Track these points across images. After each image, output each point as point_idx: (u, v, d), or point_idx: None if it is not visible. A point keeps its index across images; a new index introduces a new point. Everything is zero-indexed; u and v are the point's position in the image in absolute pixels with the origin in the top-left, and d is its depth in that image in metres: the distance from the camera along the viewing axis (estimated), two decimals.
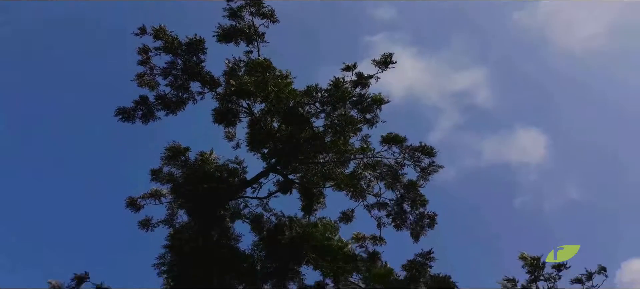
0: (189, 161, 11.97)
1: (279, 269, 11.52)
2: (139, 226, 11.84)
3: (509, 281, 10.15)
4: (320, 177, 12.00)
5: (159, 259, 12.05)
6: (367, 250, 11.42)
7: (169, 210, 11.88)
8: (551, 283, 9.77)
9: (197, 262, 11.40)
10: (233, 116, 11.56)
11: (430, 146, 10.78)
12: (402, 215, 10.99)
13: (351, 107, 10.49)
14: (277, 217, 12.12)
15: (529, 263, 9.63)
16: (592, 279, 9.83)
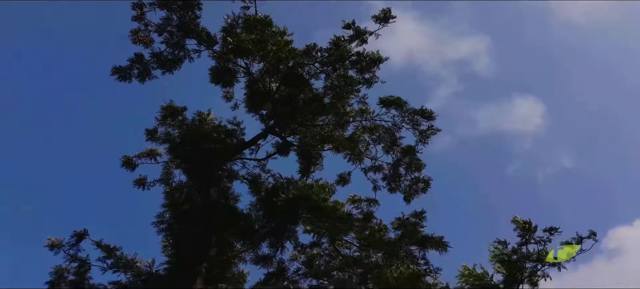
0: (186, 121, 11.97)
1: (276, 228, 11.82)
2: (135, 185, 12.00)
3: (500, 243, 10.45)
4: (318, 140, 12.06)
5: (157, 217, 12.35)
6: (362, 211, 11.67)
7: (165, 169, 12.01)
8: (541, 245, 10.05)
9: (196, 220, 11.69)
10: (230, 75, 11.44)
11: (429, 110, 10.78)
12: (397, 178, 11.15)
13: (350, 66, 10.37)
14: (275, 178, 12.29)
15: (521, 226, 9.85)
16: (581, 243, 10.11)
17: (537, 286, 10.56)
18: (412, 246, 10.49)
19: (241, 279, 12.02)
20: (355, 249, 11.55)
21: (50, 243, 11.58)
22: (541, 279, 10.53)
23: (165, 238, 12.19)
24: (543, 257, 10.20)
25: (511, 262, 10.04)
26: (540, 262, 10.36)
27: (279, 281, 11.96)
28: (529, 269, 10.28)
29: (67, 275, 11.76)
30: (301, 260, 11.98)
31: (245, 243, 11.89)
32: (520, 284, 10.41)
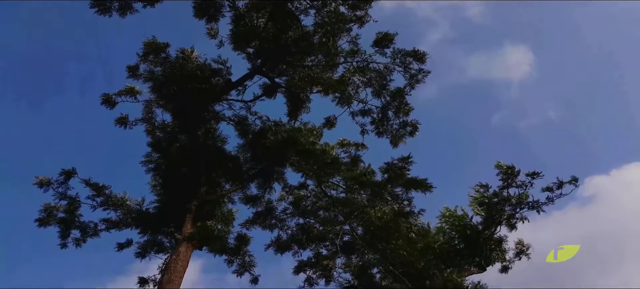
0: (169, 59, 11.56)
1: (264, 170, 11.99)
2: (116, 124, 11.86)
3: (482, 187, 10.82)
4: (307, 82, 11.82)
5: (145, 157, 12.40)
6: (350, 155, 11.80)
7: (146, 108, 11.81)
8: (522, 189, 10.42)
9: (184, 160, 11.76)
10: (215, 9, 10.85)
11: (422, 51, 10.50)
12: (385, 122, 11.15)
13: (341, 1, 9.88)
14: (262, 121, 12.21)
15: (504, 170, 10.13)
16: (562, 188, 10.48)
17: (515, 228, 11.11)
18: (397, 188, 10.76)
19: (230, 217, 12.38)
20: (341, 190, 11.85)
21: (38, 181, 11.63)
22: (519, 222, 11.06)
23: (154, 177, 12.33)
24: (523, 200, 10.61)
25: (491, 204, 10.45)
26: (520, 205, 10.80)
27: (267, 219, 12.37)
28: (508, 212, 10.73)
29: (57, 213, 11.99)
30: (289, 200, 12.32)
31: (233, 184, 12.09)
32: (498, 226, 10.95)
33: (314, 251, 12.55)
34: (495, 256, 10.97)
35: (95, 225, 12.49)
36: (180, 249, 10.60)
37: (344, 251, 11.82)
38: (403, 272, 9.97)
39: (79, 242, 12.50)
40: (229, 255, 12.79)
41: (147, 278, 12.61)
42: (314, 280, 12.50)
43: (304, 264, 12.54)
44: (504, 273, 11.35)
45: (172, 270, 10.25)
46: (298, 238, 12.40)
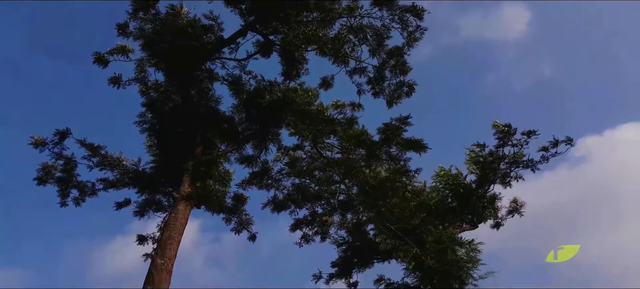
0: (159, 15, 11.25)
1: (259, 131, 12.03)
2: (109, 83, 11.76)
3: (478, 146, 10.90)
4: (302, 40, 11.57)
5: (139, 117, 12.39)
6: (345, 116, 11.80)
7: (139, 67, 11.66)
8: (518, 148, 10.50)
9: (179, 120, 11.77)
10: None
11: (421, 7, 10.20)
12: (382, 82, 11.03)
13: None
14: (256, 81, 12.08)
15: (501, 129, 10.16)
16: (557, 147, 10.57)
17: (510, 186, 11.32)
18: (393, 148, 10.85)
19: (227, 178, 12.56)
20: (337, 151, 11.96)
21: (34, 141, 11.70)
22: (513, 180, 11.25)
23: (149, 137, 12.39)
24: (518, 159, 10.73)
25: (486, 163, 10.58)
26: (515, 164, 10.94)
27: (263, 180, 12.57)
28: (503, 171, 10.89)
29: (55, 172, 12.17)
30: (284, 161, 12.45)
31: (229, 144, 12.17)
32: (492, 185, 11.15)
33: (309, 210, 12.88)
34: (488, 213, 11.27)
35: (92, 185, 12.75)
36: (179, 208, 10.86)
37: (340, 209, 12.12)
38: (398, 228, 10.26)
39: (78, 201, 12.80)
40: (226, 214, 13.14)
41: (147, 236, 13.03)
42: (310, 237, 12.92)
43: (300, 222, 12.90)
44: (495, 230, 11.72)
45: (171, 228, 10.57)
46: (294, 197, 12.67)
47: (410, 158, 11.02)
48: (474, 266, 9.73)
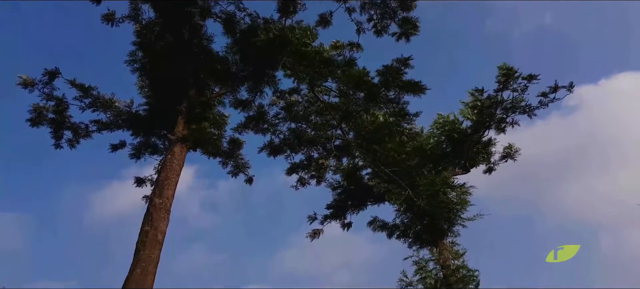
0: None
1: (254, 73, 11.84)
2: (103, 20, 11.35)
3: (477, 91, 10.88)
4: None
5: (129, 56, 12.12)
6: (344, 58, 11.57)
7: (133, 4, 11.21)
8: (518, 93, 10.51)
9: (170, 60, 11.53)
10: None
11: None
12: (384, 19, 10.67)
13: None
14: (251, 18, 11.67)
15: (505, 72, 10.07)
16: (556, 92, 10.58)
17: (504, 132, 11.46)
18: (392, 91, 10.79)
19: (222, 122, 12.59)
20: (334, 95, 11.90)
21: (22, 81, 11.50)
22: (509, 126, 11.38)
23: (140, 78, 12.21)
24: (516, 105, 10.77)
25: (483, 108, 10.63)
26: (513, 109, 11.01)
27: (259, 124, 12.60)
28: (499, 116, 10.98)
29: (47, 113, 12.10)
30: (280, 105, 12.41)
31: (223, 87, 12.04)
32: (487, 130, 11.30)
33: (305, 155, 13.07)
34: (481, 158, 11.52)
35: (86, 126, 12.75)
36: (175, 150, 10.98)
37: (336, 153, 12.31)
38: (392, 172, 10.51)
39: (72, 143, 12.87)
40: (223, 158, 13.33)
41: (144, 178, 13.29)
42: (305, 180, 13.24)
43: (296, 166, 13.15)
44: (488, 174, 12.05)
45: (168, 169, 10.75)
46: (290, 141, 12.79)
47: (408, 102, 11.03)
48: (463, 208, 10.11)
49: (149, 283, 9.03)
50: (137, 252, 9.42)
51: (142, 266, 9.07)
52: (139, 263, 9.08)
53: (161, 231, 9.90)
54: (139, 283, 8.81)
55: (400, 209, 11.09)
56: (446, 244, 10.31)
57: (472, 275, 9.21)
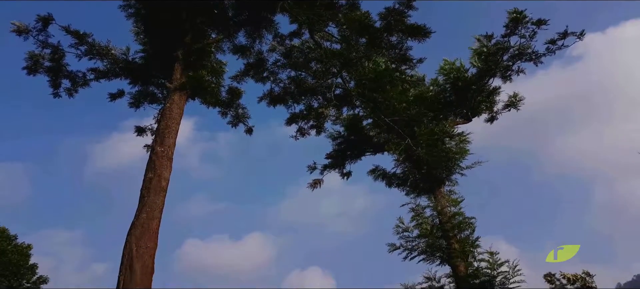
0: None
1: (253, 17, 11.58)
2: None
3: (485, 37, 10.63)
4: None
5: (124, 1, 11.87)
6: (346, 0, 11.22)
7: None
8: (525, 40, 10.26)
9: (165, 5, 11.27)
10: None
11: None
12: None
13: None
14: None
15: (514, 17, 9.77)
16: (565, 38, 10.30)
17: (510, 80, 11.34)
18: (395, 36, 10.58)
19: (220, 69, 12.53)
20: (335, 41, 11.69)
21: (16, 28, 11.42)
22: (515, 74, 11.23)
23: (136, 24, 12.03)
24: (523, 52, 10.56)
25: (490, 55, 10.44)
26: (519, 56, 10.81)
27: (258, 72, 12.54)
28: (505, 63, 10.81)
29: (43, 61, 12.11)
30: (280, 51, 12.25)
31: (220, 32, 11.85)
32: (492, 78, 11.17)
33: (305, 104, 13.11)
34: (484, 107, 11.49)
35: (83, 74, 12.80)
36: (174, 97, 11.08)
37: (336, 103, 12.34)
38: (392, 121, 10.58)
39: (71, 92, 12.99)
40: (222, 107, 13.42)
41: (144, 127, 13.52)
42: (305, 131, 13.40)
43: (296, 116, 13.26)
44: (489, 123, 12.07)
45: (168, 117, 10.91)
46: (290, 90, 12.78)
47: (412, 47, 10.83)
48: (462, 157, 10.28)
49: (155, 227, 9.53)
50: (142, 198, 9.87)
51: (148, 211, 9.54)
52: (144, 208, 9.54)
53: (165, 178, 10.27)
54: (144, 227, 9.31)
55: (399, 159, 11.29)
56: (443, 192, 10.61)
57: (468, 222, 9.58)
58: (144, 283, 8.68)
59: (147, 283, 8.83)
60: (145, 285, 8.72)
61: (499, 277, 8.77)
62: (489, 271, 8.86)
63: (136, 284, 8.52)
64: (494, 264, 8.81)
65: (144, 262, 8.88)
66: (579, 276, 12.56)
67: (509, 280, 8.73)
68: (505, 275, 8.73)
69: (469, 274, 9.02)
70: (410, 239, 10.23)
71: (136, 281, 8.52)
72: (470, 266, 9.18)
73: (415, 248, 10.18)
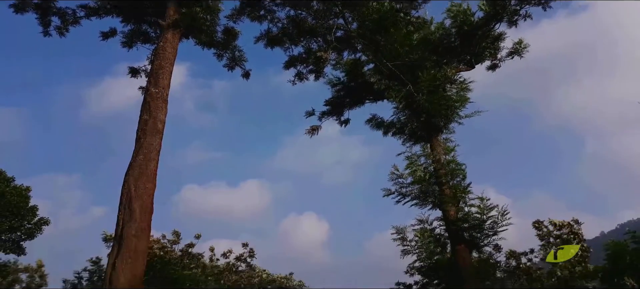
0: None
1: None
2: None
3: None
4: None
5: None
6: None
7: None
8: None
9: None
10: None
11: None
12: None
13: None
14: None
15: None
16: None
17: (516, 25, 10.96)
18: None
19: (215, 8, 12.07)
20: None
21: None
22: (521, 19, 10.83)
23: None
24: None
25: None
26: (527, 0, 10.36)
27: (254, 10, 12.08)
28: (513, 7, 10.38)
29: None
30: None
31: None
32: (498, 22, 10.78)
33: (304, 47, 12.77)
34: (487, 53, 11.21)
35: (73, 11, 12.44)
36: (167, 36, 10.79)
37: (337, 45, 12.01)
38: (395, 65, 10.36)
39: (61, 30, 12.67)
40: (217, 49, 13.10)
41: (138, 68, 13.31)
42: (304, 75, 13.18)
43: (295, 60, 12.97)
44: (491, 71, 11.86)
45: (161, 57, 10.70)
46: (289, 31, 12.39)
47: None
48: (462, 105, 10.20)
49: (152, 168, 9.70)
50: (138, 140, 9.95)
51: (145, 153, 9.66)
52: (141, 150, 9.65)
53: (160, 120, 10.29)
54: (142, 168, 9.47)
55: (399, 106, 11.21)
56: (440, 140, 10.66)
57: (460, 169, 9.72)
58: (143, 222, 8.97)
59: (147, 222, 9.13)
60: (145, 224, 9.02)
61: (488, 221, 9.08)
62: (478, 216, 9.15)
63: (135, 222, 8.81)
64: (483, 210, 9.08)
65: (143, 202, 9.13)
66: (567, 223, 13.05)
67: (497, 224, 9.05)
68: (494, 219, 9.04)
69: (459, 218, 9.34)
70: (405, 186, 10.44)
71: (135, 219, 8.80)
72: (461, 210, 9.47)
73: (408, 193, 10.42)
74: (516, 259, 15.82)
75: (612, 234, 60.73)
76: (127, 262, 8.38)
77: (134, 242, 8.56)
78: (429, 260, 11.92)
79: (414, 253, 10.26)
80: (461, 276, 9.26)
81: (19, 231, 19.87)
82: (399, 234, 10.70)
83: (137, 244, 8.61)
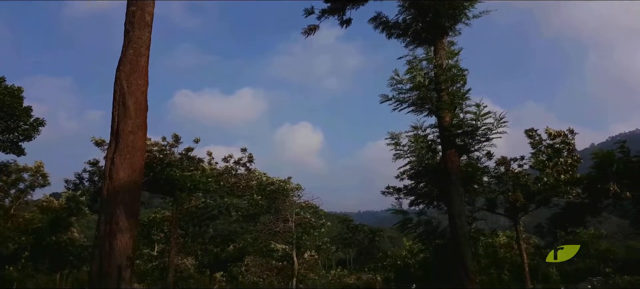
0: None
1: None
2: None
3: None
4: None
5: None
6: None
7: None
8: None
9: None
10: None
11: None
12: None
13: None
14: None
15: None
16: None
17: None
18: None
19: None
20: None
21: None
22: None
23: None
24: None
25: None
26: None
27: None
28: None
29: None
30: None
31: None
32: None
33: None
34: None
35: None
36: None
37: None
38: None
39: None
40: None
41: None
42: None
43: None
44: None
45: None
46: None
47: None
48: (472, 4, 9.75)
49: (143, 64, 9.53)
50: (127, 33, 9.61)
51: (134, 47, 9.41)
52: (131, 44, 9.38)
53: (148, 12, 9.83)
54: (133, 64, 9.31)
55: (405, 5, 10.72)
56: (444, 43, 10.40)
57: (461, 74, 9.63)
58: (138, 119, 9.08)
59: (142, 119, 9.24)
60: (140, 121, 9.15)
61: (482, 128, 9.29)
62: (473, 122, 9.33)
63: (131, 119, 8.92)
64: (479, 116, 9.23)
65: (137, 98, 9.14)
66: (562, 132, 13.39)
67: (491, 131, 9.27)
68: (489, 127, 9.24)
69: (453, 124, 9.53)
70: (403, 92, 10.47)
71: (130, 116, 8.90)
72: (456, 117, 9.62)
73: (406, 100, 10.50)
74: (506, 165, 16.55)
75: (602, 146, 63.08)
76: (126, 157, 8.68)
77: (130, 138, 8.77)
78: (419, 166, 12.48)
79: (406, 157, 10.69)
80: (450, 179, 9.75)
81: (16, 132, 20.27)
82: (393, 140, 11.04)
83: (134, 140, 8.84)
